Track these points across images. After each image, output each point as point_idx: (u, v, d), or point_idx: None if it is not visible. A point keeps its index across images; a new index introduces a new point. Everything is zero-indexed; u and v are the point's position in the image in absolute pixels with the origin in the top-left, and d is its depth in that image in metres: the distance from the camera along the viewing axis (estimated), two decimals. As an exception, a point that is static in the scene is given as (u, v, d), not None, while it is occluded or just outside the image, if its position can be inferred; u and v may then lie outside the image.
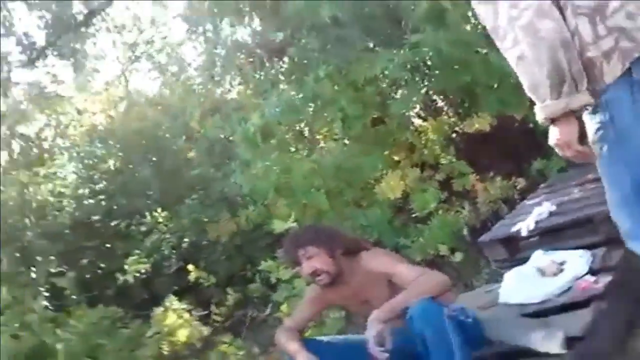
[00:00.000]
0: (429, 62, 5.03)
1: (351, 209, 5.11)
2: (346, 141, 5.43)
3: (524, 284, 3.24)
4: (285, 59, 6.34)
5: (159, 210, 7.39)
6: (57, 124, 9.88)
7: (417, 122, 5.84)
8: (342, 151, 5.34)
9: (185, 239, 7.10)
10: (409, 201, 5.00)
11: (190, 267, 6.24)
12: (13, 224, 7.33)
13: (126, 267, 6.48)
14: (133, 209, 7.73)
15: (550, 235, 3.67)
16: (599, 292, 2.89)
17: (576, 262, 3.20)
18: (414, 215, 5.00)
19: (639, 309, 3.02)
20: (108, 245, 7.47)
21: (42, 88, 9.56)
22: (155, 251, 7.10)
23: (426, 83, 5.20)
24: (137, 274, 6.47)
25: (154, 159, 8.10)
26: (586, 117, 1.77)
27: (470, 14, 4.42)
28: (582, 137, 1.80)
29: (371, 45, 5.43)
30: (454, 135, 5.40)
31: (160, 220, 7.37)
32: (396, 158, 5.32)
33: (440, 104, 5.69)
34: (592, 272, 3.08)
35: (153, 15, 9.91)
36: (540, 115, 1.75)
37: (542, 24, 1.66)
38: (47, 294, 6.48)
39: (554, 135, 1.76)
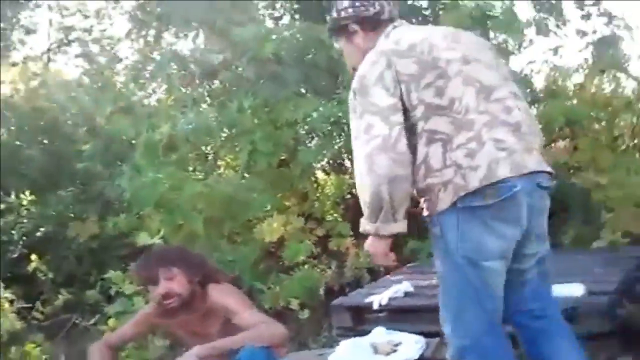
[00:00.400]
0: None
1: (223, 241, 5.23)
2: (246, 174, 5.63)
3: (354, 356, 3.40)
4: (216, 81, 6.61)
5: (27, 193, 7.33)
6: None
7: (320, 174, 6.12)
8: (238, 183, 5.51)
9: (42, 228, 7.01)
10: (282, 248, 5.17)
11: (33, 256, 6.15)
12: None
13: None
14: (1, 185, 7.66)
15: (399, 315, 3.89)
16: (418, 380, 3.08)
17: (410, 346, 3.40)
18: (281, 263, 5.17)
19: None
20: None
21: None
22: (4, 233, 7.01)
23: (341, 140, 5.53)
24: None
25: (45, 141, 8.11)
26: (429, 225, 2.20)
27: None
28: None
29: (303, 90, 5.76)
30: (348, 196, 5.70)
31: (25, 203, 7.30)
32: (287, 203, 5.54)
33: (347, 163, 6.02)
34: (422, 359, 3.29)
35: (100, 6, 10.23)
36: (361, 227, 2.20)
37: (379, 158, 2.05)
38: None
39: (369, 246, 2.23)
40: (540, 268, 2.30)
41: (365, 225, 2.17)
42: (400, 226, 2.13)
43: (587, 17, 6.08)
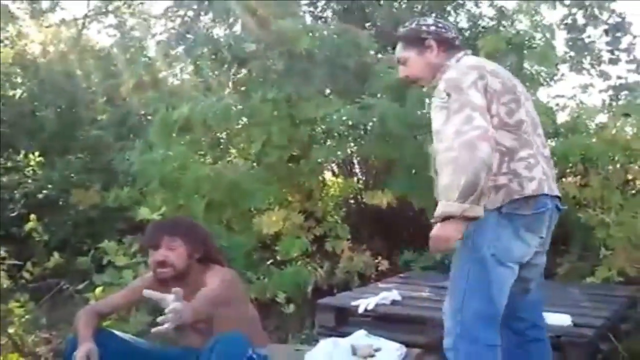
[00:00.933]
0: (369, 127, 5.64)
1: (221, 227, 5.50)
2: (255, 165, 5.91)
3: (332, 355, 3.63)
4: (245, 70, 6.93)
5: (36, 154, 7.70)
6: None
7: (328, 175, 6.40)
8: (246, 172, 5.80)
9: (44, 191, 7.36)
10: (278, 242, 5.45)
11: (32, 216, 6.45)
12: None
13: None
14: (11, 142, 8.04)
15: (383, 322, 4.12)
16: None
17: (390, 353, 3.62)
18: (274, 257, 5.44)
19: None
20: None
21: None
22: (7, 190, 7.38)
23: (354, 145, 5.81)
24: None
25: (63, 106, 8.50)
26: None
27: (427, 100, 5.09)
28: None
29: (328, 90, 6.05)
30: (352, 200, 5.97)
31: (32, 164, 7.67)
32: (290, 199, 5.81)
33: (356, 168, 6.29)
34: (399, 366, 3.52)
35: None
36: (441, 210, 2.40)
37: (482, 145, 2.36)
38: None
39: (442, 230, 2.42)
40: (539, 280, 2.78)
41: (448, 207, 2.38)
42: (481, 211, 2.40)
43: (615, 61, 6.39)
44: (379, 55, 6.22)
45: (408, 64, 2.80)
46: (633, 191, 5.33)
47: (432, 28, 2.77)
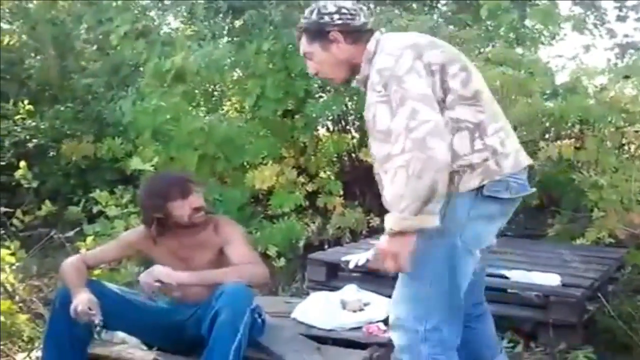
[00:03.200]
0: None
1: (213, 180, 5.58)
2: (249, 116, 5.96)
3: (322, 308, 3.72)
4: (240, 20, 6.91)
5: (25, 102, 7.70)
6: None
7: (322, 131, 6.48)
8: (240, 125, 5.86)
9: (35, 140, 7.42)
10: (271, 196, 5.56)
11: (22, 164, 6.48)
12: None
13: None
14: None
15: (373, 277, 4.24)
16: (382, 340, 3.39)
17: (380, 307, 3.72)
18: (267, 211, 5.54)
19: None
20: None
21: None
22: (-4, 139, 7.43)
23: (350, 101, 5.85)
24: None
25: (52, 52, 8.48)
26: None
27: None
28: None
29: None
30: (345, 157, 6.03)
31: (22, 112, 7.68)
32: (284, 153, 5.90)
33: (350, 125, 6.36)
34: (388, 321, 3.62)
35: None
36: (394, 224, 2.11)
37: (434, 142, 2.07)
38: None
39: (393, 245, 2.15)
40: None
41: (402, 221, 2.10)
42: (437, 220, 2.14)
43: (623, 18, 6.41)
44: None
45: (316, 60, 2.48)
46: (627, 155, 5.42)
47: (336, 17, 2.40)
